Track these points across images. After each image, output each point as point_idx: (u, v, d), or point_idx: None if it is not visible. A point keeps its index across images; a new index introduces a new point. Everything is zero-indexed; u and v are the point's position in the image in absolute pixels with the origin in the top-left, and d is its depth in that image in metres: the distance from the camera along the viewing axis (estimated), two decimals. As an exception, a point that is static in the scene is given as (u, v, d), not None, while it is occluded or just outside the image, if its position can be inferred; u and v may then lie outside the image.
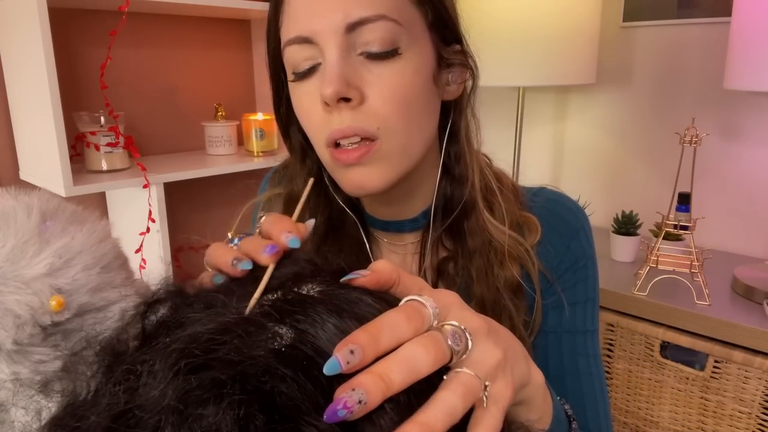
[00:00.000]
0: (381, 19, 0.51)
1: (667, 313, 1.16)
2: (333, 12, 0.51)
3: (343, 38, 0.51)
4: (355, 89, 0.51)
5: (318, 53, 0.53)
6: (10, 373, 0.28)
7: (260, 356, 0.25)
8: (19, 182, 1.26)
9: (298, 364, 0.25)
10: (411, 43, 0.53)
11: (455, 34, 0.58)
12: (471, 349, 0.30)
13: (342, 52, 0.51)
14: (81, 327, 0.31)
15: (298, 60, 0.54)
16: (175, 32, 1.47)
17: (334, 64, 0.51)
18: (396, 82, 0.52)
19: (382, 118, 0.52)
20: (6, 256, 0.30)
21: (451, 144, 0.62)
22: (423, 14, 0.55)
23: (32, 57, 1.04)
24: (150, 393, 0.24)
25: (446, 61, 0.58)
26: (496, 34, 1.37)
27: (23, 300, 0.28)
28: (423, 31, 0.55)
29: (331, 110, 0.52)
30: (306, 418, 0.24)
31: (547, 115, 1.77)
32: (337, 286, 0.31)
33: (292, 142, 0.65)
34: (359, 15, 0.51)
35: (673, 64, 1.51)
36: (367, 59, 0.52)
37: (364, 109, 0.52)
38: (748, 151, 1.43)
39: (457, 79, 0.59)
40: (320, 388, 0.25)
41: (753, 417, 1.09)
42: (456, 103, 0.61)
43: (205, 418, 0.23)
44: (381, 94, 0.52)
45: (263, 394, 0.24)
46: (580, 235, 0.64)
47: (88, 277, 0.31)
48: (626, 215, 1.40)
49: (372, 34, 0.51)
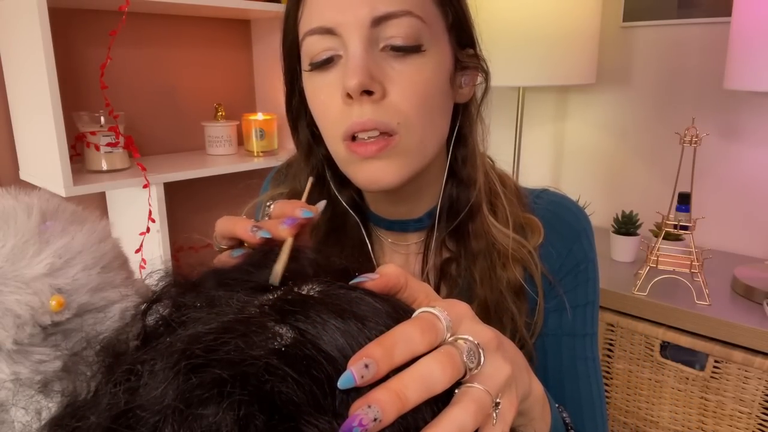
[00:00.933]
0: (406, 14, 0.51)
1: (667, 313, 1.16)
2: (359, 5, 0.51)
3: (368, 32, 0.51)
4: (378, 83, 0.51)
5: (339, 45, 0.53)
6: (10, 373, 0.28)
7: (261, 356, 0.25)
8: (19, 182, 1.26)
9: (298, 364, 0.25)
10: (433, 42, 0.54)
11: (470, 38, 0.59)
12: (483, 364, 0.30)
13: (366, 45, 0.51)
14: (81, 327, 0.31)
15: (317, 50, 0.54)
16: (175, 32, 1.47)
17: (358, 56, 0.51)
18: (418, 78, 0.53)
19: (403, 114, 0.52)
20: (6, 256, 0.30)
21: (458, 147, 0.62)
22: (444, 15, 0.56)
23: (32, 57, 1.04)
24: (150, 393, 0.24)
25: (461, 63, 0.58)
26: (496, 34, 1.37)
27: (23, 300, 0.28)
28: (443, 31, 0.56)
29: (351, 103, 0.52)
30: (306, 418, 0.23)
31: (547, 115, 1.77)
32: (338, 286, 0.31)
33: (299, 137, 0.65)
34: (386, 9, 0.51)
35: (673, 64, 1.51)
36: (390, 55, 0.52)
37: (386, 103, 0.52)
38: (748, 151, 1.43)
39: (469, 82, 0.60)
40: (321, 389, 0.25)
41: (753, 417, 1.09)
42: (465, 106, 0.62)
43: (205, 418, 0.23)
44: (402, 90, 0.52)
45: (263, 394, 0.24)
46: (582, 237, 0.64)
47: (88, 277, 0.31)
48: (626, 215, 1.40)
49: (396, 29, 0.51)
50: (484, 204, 0.62)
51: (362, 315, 0.29)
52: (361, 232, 0.66)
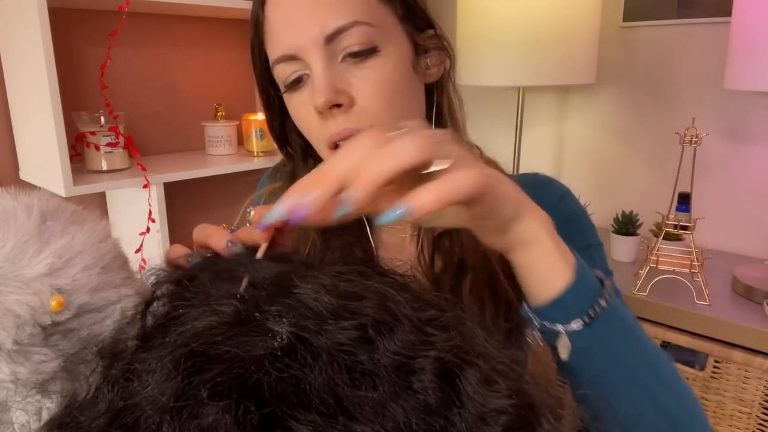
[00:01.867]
0: (355, 25, 0.55)
1: (667, 313, 1.16)
2: (310, 27, 0.54)
3: (324, 49, 0.55)
4: (343, 94, 0.55)
5: (304, 66, 0.56)
6: (10, 373, 0.28)
7: (258, 355, 0.25)
8: (19, 182, 1.26)
9: (295, 362, 0.25)
10: (387, 41, 0.57)
11: (426, 21, 0.61)
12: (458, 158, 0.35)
13: (326, 63, 0.55)
14: (81, 327, 0.31)
15: (286, 74, 0.58)
16: (175, 32, 1.47)
17: (320, 75, 0.55)
18: (379, 79, 0.56)
19: (373, 115, 0.56)
20: (6, 256, 0.30)
21: (438, 123, 0.65)
22: (393, 10, 0.58)
23: (32, 57, 1.04)
24: (148, 392, 0.24)
25: (423, 47, 0.61)
26: (496, 34, 1.37)
27: (23, 300, 0.28)
28: (395, 25, 0.58)
29: (325, 117, 0.56)
30: (304, 415, 0.24)
31: (547, 115, 1.77)
32: (333, 285, 0.31)
33: (293, 146, 0.69)
34: (335, 25, 0.54)
35: (673, 64, 1.51)
36: (350, 63, 0.56)
37: (356, 110, 0.56)
38: (748, 151, 1.43)
39: (436, 62, 0.63)
40: (319, 386, 0.25)
41: (753, 417, 1.09)
42: (437, 83, 0.64)
43: (203, 417, 0.23)
44: (367, 94, 0.56)
45: (261, 392, 0.24)
46: (565, 198, 0.67)
47: (88, 277, 0.31)
48: (626, 215, 1.40)
49: (350, 40, 0.55)
50: None
51: (360, 313, 0.29)
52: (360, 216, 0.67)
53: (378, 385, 0.25)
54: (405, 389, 0.25)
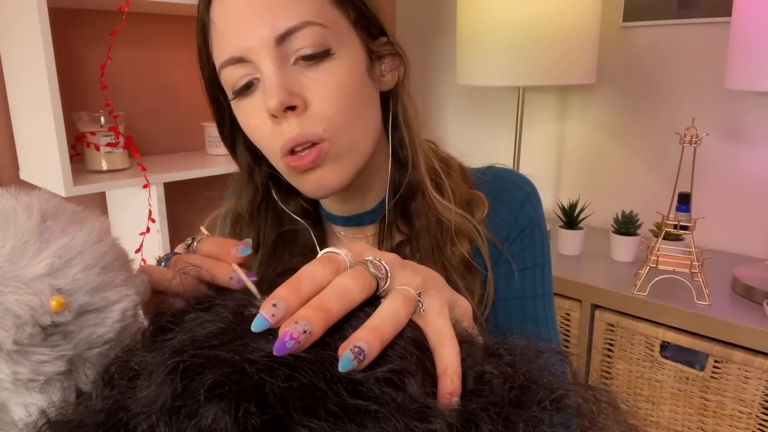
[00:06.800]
0: (307, 25, 0.52)
1: (667, 313, 1.16)
2: (260, 28, 0.52)
3: (275, 50, 0.52)
4: (297, 96, 0.53)
5: (254, 69, 0.54)
6: (10, 373, 0.28)
7: (257, 357, 0.25)
8: (19, 182, 1.26)
9: (294, 365, 0.25)
10: (340, 43, 0.55)
11: (379, 28, 0.60)
12: (392, 276, 0.32)
13: (278, 64, 0.53)
14: (81, 327, 0.31)
15: (235, 78, 0.55)
16: (175, 32, 1.47)
17: (272, 76, 0.52)
18: (334, 82, 0.54)
19: (327, 119, 0.54)
20: (6, 256, 0.30)
21: (394, 132, 0.64)
22: (345, 14, 0.56)
23: (32, 57, 1.04)
24: (147, 393, 0.24)
25: (376, 54, 0.60)
26: (496, 34, 1.37)
27: (23, 300, 0.28)
28: (348, 30, 0.57)
29: (279, 121, 0.54)
30: (303, 417, 0.24)
31: (547, 115, 1.77)
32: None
33: (240, 162, 0.67)
34: (286, 26, 0.52)
35: (673, 64, 1.51)
36: (303, 66, 0.54)
37: (310, 114, 0.54)
38: (748, 151, 1.43)
39: (390, 69, 0.62)
40: (318, 388, 0.25)
41: (753, 417, 1.09)
42: (392, 92, 0.63)
43: (203, 418, 0.23)
44: (322, 97, 0.54)
45: (260, 394, 0.24)
46: (525, 204, 0.66)
47: (89, 277, 0.31)
48: (626, 215, 1.40)
49: (302, 41, 0.53)
50: (428, 182, 0.64)
51: (355, 314, 0.30)
52: (311, 238, 0.67)
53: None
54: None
